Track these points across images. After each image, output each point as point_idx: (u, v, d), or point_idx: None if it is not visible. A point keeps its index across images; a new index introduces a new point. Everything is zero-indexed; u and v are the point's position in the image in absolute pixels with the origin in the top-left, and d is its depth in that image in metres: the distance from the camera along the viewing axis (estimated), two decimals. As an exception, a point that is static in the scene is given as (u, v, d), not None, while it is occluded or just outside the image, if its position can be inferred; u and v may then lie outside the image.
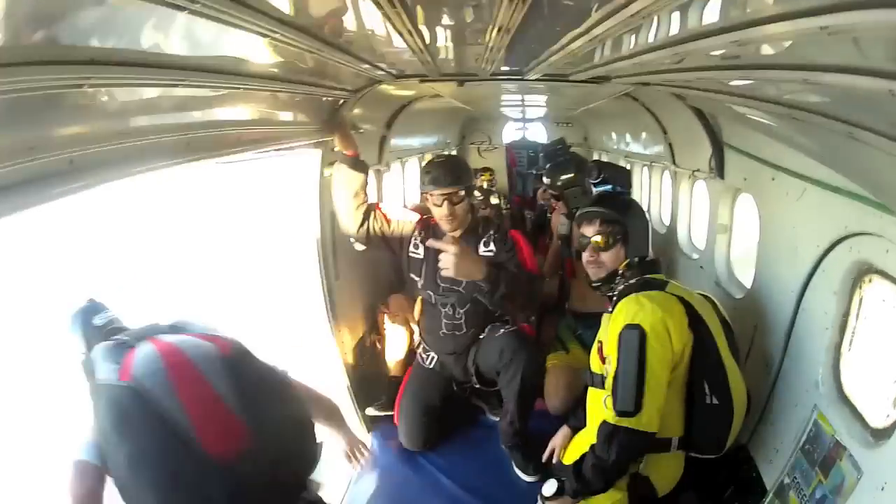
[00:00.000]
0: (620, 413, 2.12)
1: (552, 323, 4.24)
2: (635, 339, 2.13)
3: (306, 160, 3.24)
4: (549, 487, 2.34)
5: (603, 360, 2.33)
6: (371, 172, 4.20)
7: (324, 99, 2.96)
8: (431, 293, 3.30)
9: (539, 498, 2.38)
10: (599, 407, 2.31)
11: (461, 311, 3.26)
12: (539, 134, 8.66)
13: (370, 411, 3.60)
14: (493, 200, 6.54)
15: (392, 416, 3.50)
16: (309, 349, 3.56)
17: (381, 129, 4.44)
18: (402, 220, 3.31)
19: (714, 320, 2.28)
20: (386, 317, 3.75)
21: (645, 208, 5.06)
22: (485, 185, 6.99)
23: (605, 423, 2.18)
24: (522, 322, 3.46)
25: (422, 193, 3.21)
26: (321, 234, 3.35)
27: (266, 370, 1.85)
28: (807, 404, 2.20)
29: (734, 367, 2.25)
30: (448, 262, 2.75)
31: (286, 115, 2.72)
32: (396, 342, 3.73)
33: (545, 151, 6.29)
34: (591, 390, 2.48)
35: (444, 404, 3.45)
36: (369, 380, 3.71)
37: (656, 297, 2.22)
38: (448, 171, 3.09)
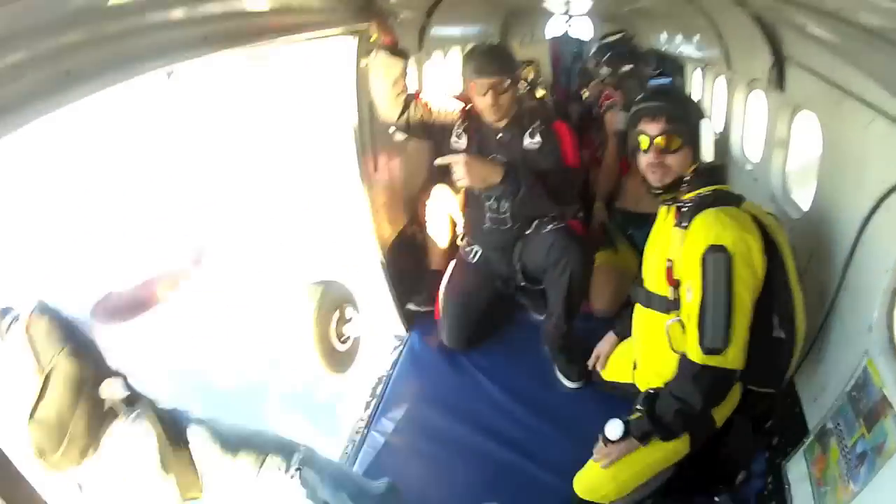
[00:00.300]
0: (709, 351, 1.93)
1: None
2: (722, 264, 1.89)
3: (341, 49, 3.01)
4: (614, 430, 2.12)
5: (673, 283, 2.11)
6: (412, 61, 3.97)
7: None
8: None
9: (599, 439, 2.20)
10: (658, 333, 2.16)
11: (506, 204, 3.10)
12: (584, 30, 8.27)
13: (410, 306, 3.57)
14: (538, 93, 6.20)
15: (433, 311, 3.45)
16: (346, 241, 3.49)
17: (420, 17, 4.12)
18: (445, 109, 3.14)
19: (786, 246, 2.04)
20: (427, 207, 3.62)
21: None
22: (529, 76, 6.62)
23: (689, 361, 1.99)
24: (570, 218, 3.28)
25: (464, 81, 3.02)
26: (359, 126, 3.19)
27: None
28: (858, 347, 1.99)
29: (801, 298, 2.04)
30: (460, 173, 2.69)
31: (316, 1, 2.49)
32: (438, 234, 3.62)
33: (604, 41, 5.96)
34: (644, 311, 2.30)
35: (488, 302, 3.36)
36: (409, 274, 3.64)
37: (736, 216, 1.98)
38: (492, 60, 2.91)
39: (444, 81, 5.34)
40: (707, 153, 2.14)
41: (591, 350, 2.83)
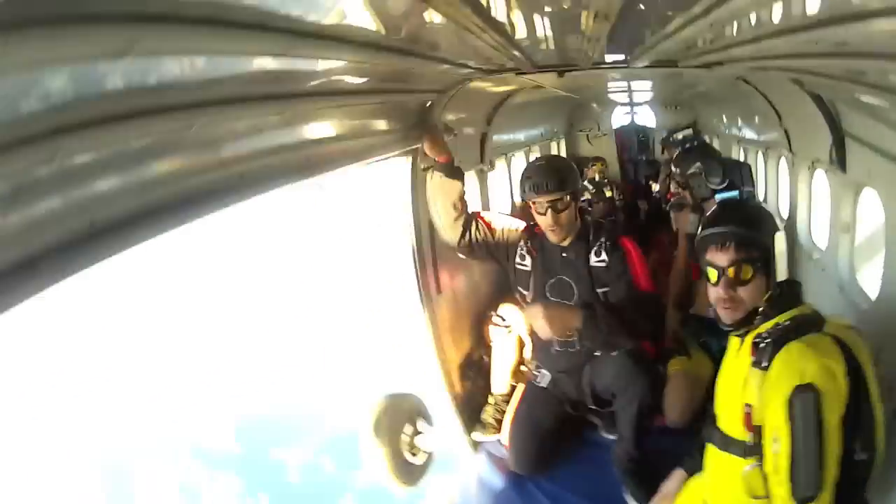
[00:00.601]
0: (803, 500, 1.75)
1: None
2: (811, 406, 1.72)
3: (396, 170, 3.12)
4: None
5: (752, 429, 1.93)
6: (474, 173, 4.07)
7: (409, 104, 2.84)
8: None
9: None
10: (734, 477, 1.98)
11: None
12: (648, 118, 8.23)
13: (476, 436, 3.43)
14: (607, 193, 6.17)
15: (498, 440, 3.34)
16: (409, 369, 3.49)
17: (481, 127, 4.22)
18: (507, 227, 3.13)
19: (870, 365, 1.86)
20: (493, 330, 3.50)
21: (761, 199, 4.61)
22: (596, 176, 6.53)
23: None
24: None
25: (523, 201, 3.03)
26: (417, 246, 3.22)
27: None
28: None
29: (881, 415, 1.84)
30: (540, 326, 2.62)
31: (371, 126, 2.63)
32: (505, 357, 3.50)
33: (671, 138, 6.01)
34: (719, 453, 2.11)
35: (557, 425, 3.22)
36: (477, 400, 3.54)
37: (818, 343, 1.82)
38: (550, 176, 2.86)
39: (508, 193, 5.37)
40: (781, 271, 2.02)
41: (662, 470, 2.61)
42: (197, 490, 28.18)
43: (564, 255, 3.00)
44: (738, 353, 2.06)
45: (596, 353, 3.01)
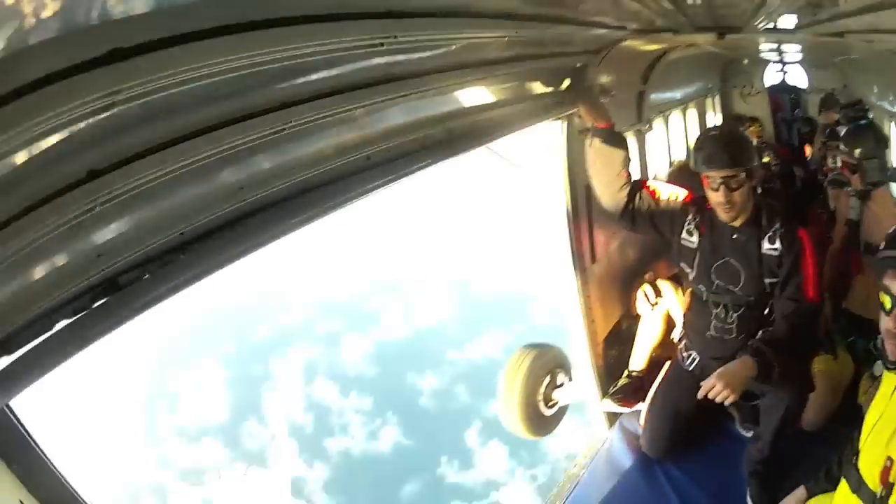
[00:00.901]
0: None
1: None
2: None
3: (549, 136, 3.02)
4: None
5: (887, 484, 1.72)
6: (632, 134, 3.89)
7: (561, 67, 2.73)
8: (704, 289, 2.92)
9: None
10: None
11: (734, 314, 2.86)
12: (799, 78, 7.55)
13: (606, 404, 3.40)
14: (764, 158, 5.63)
15: (629, 410, 3.33)
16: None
17: (636, 86, 4.01)
18: (673, 199, 2.94)
19: None
20: (641, 302, 3.37)
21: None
22: (754, 140, 6.05)
23: None
24: None
25: (694, 173, 2.81)
26: (573, 213, 3.15)
27: None
28: None
29: None
30: (722, 394, 2.41)
31: (523, 92, 2.57)
32: (649, 333, 3.40)
33: (832, 102, 5.44)
34: (849, 492, 1.90)
35: (696, 412, 3.09)
36: (617, 370, 3.50)
37: None
38: (726, 148, 2.63)
39: (667, 151, 5.14)
40: None
41: (788, 479, 2.50)
42: (325, 407, 31.08)
43: (735, 236, 2.79)
44: (892, 391, 1.81)
45: (751, 343, 2.78)
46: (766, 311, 2.81)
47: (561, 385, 3.33)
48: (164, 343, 30.30)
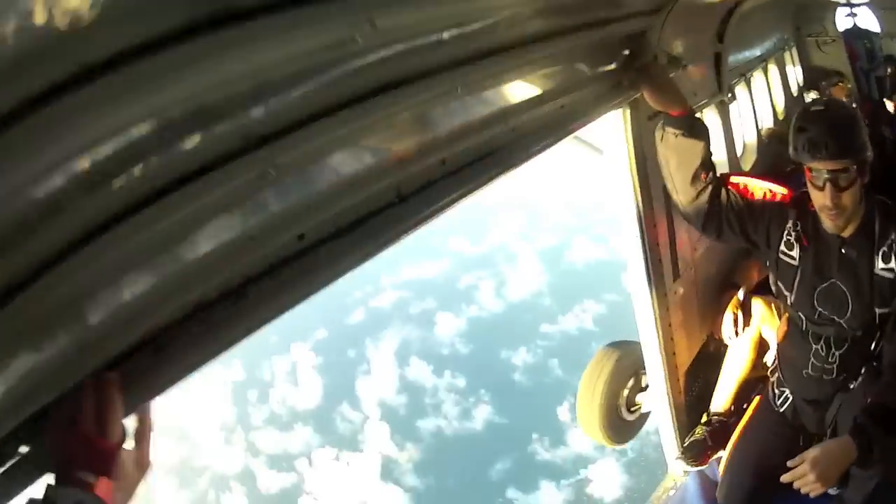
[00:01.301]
0: None
1: None
2: None
3: (607, 131, 2.43)
4: None
5: None
6: (713, 108, 3.27)
7: (613, 37, 2.18)
8: (804, 317, 2.37)
9: None
10: None
11: (836, 352, 2.31)
12: (869, 21, 6.57)
13: (678, 464, 2.91)
14: None
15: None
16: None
17: (712, 46, 3.29)
18: (769, 199, 2.36)
19: None
20: (727, 326, 2.88)
21: None
22: (843, 96, 5.44)
23: None
24: None
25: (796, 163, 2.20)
26: (646, 224, 2.57)
27: None
28: None
29: None
30: (809, 485, 1.96)
31: (573, 79, 2.08)
32: (735, 364, 2.89)
33: None
34: None
35: (784, 461, 2.48)
36: (701, 407, 2.99)
37: None
38: (833, 132, 2.02)
39: (753, 123, 4.46)
40: None
41: None
42: (419, 388, 31.58)
43: (843, 250, 2.22)
44: None
45: (851, 386, 2.35)
46: (873, 346, 2.25)
47: (645, 388, 2.97)
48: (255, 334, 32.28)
